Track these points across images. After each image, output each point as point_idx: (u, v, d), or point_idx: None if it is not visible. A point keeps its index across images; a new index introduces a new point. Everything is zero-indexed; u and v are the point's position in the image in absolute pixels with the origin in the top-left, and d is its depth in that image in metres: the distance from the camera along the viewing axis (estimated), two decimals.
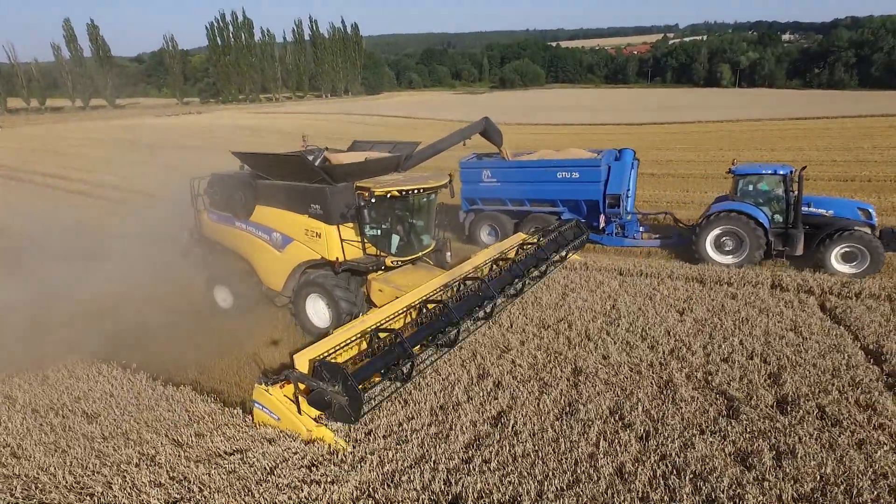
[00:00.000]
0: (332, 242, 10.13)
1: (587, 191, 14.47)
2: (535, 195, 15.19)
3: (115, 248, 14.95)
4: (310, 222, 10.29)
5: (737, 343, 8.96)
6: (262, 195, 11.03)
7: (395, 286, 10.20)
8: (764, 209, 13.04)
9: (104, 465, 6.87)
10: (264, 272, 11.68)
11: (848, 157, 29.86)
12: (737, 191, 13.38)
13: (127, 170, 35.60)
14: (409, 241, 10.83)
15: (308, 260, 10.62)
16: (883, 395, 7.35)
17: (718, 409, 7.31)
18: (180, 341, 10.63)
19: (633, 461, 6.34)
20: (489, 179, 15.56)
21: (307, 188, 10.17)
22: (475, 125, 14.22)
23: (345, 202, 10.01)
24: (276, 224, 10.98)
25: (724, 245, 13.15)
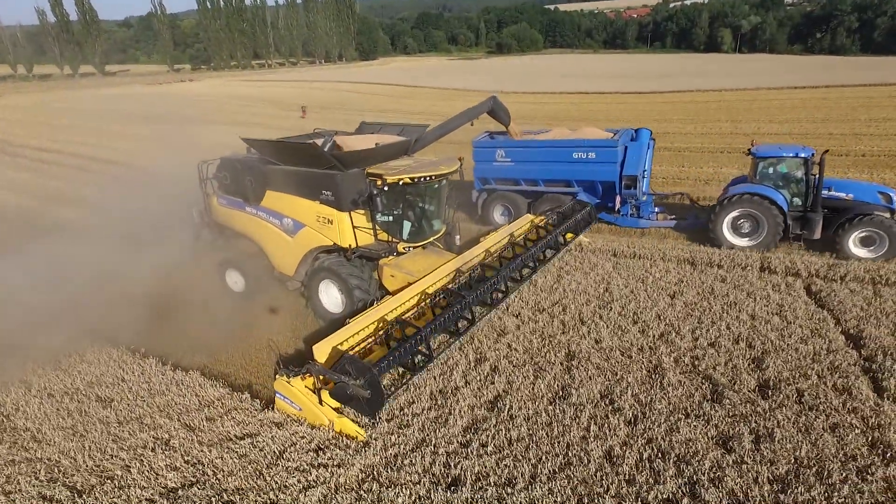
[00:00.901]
0: (344, 229, 10.27)
1: (604, 172, 14.34)
2: (550, 175, 15.08)
3: (121, 229, 15.09)
4: (321, 209, 10.42)
5: (724, 327, 9.32)
6: (272, 181, 11.10)
7: (407, 272, 10.26)
8: (783, 192, 12.89)
9: (121, 449, 7.26)
10: (276, 257, 11.83)
11: (844, 130, 29.89)
12: (756, 173, 13.20)
13: (122, 143, 35.40)
14: (421, 226, 10.94)
15: (320, 246, 10.77)
16: (859, 379, 7.75)
17: (703, 393, 7.71)
18: (187, 325, 10.91)
19: (622, 445, 6.75)
20: (503, 159, 15.45)
21: (318, 174, 10.26)
22: (483, 105, 14.13)
23: (356, 188, 10.11)
24: (287, 210, 11.08)
25: (741, 228, 13.07)
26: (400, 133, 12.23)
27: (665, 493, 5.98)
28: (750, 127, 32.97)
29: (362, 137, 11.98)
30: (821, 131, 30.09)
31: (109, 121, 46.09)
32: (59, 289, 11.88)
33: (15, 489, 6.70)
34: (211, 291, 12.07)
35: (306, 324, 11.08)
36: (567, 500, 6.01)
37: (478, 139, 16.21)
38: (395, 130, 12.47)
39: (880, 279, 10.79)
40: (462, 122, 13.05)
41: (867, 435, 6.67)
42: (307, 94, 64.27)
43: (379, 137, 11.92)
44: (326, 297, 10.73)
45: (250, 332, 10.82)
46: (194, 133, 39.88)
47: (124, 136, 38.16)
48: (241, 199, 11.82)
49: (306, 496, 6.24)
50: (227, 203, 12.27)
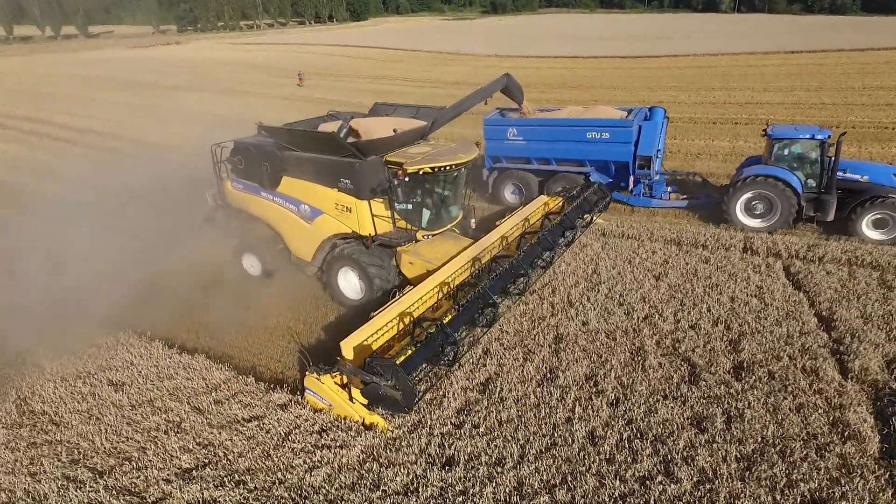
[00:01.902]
0: (363, 218, 10.36)
1: (617, 152, 14.32)
2: (563, 154, 15.05)
3: (125, 209, 15.21)
4: (340, 196, 10.48)
5: (705, 310, 9.79)
6: (288, 167, 11.10)
7: (426, 259, 10.41)
8: (797, 173, 12.90)
9: (136, 432, 7.74)
10: (293, 242, 11.94)
11: (836, 100, 29.97)
12: (771, 154, 13.14)
13: (112, 113, 34.98)
14: (439, 214, 10.96)
15: (338, 233, 10.88)
16: (827, 361, 8.27)
17: (682, 375, 8.22)
18: (192, 307, 11.28)
19: (604, 426, 7.28)
20: (515, 137, 15.39)
21: (337, 162, 10.28)
22: (496, 82, 14.11)
23: (375, 177, 10.15)
24: (304, 196, 11.14)
25: (755, 209, 13.18)
26: (415, 115, 12.26)
27: (641, 472, 6.53)
28: (744, 95, 32.96)
29: (378, 121, 11.97)
30: (813, 101, 30.16)
31: (97, 88, 45.32)
32: (65, 272, 12.16)
33: (40, 470, 7.19)
34: (214, 273, 12.39)
35: (305, 304, 11.48)
36: (552, 478, 6.55)
37: (489, 117, 16.09)
38: (409, 112, 12.46)
39: (856, 260, 11.25)
40: (476, 101, 13.04)
41: (829, 415, 7.21)
42: (297, 59, 63.07)
43: (395, 121, 11.91)
44: (345, 284, 10.94)
45: (250, 313, 11.21)
46: (185, 102, 39.40)
47: (114, 106, 37.65)
48: (256, 183, 11.81)
49: (312, 476, 6.75)
50: (242, 187, 12.25)
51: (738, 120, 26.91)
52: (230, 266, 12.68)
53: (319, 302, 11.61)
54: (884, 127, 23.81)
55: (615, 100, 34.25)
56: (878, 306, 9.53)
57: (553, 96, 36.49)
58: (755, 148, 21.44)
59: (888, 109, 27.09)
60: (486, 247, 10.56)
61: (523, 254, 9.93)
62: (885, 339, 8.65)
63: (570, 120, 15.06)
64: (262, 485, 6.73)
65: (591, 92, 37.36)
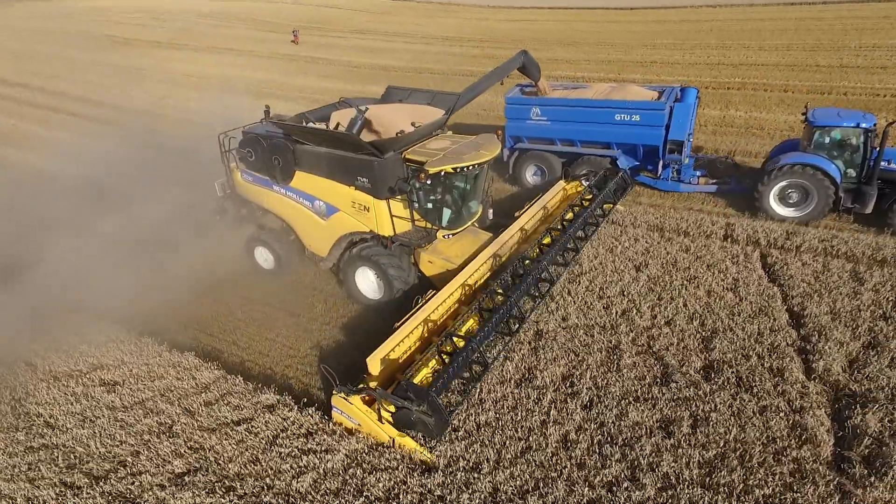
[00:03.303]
0: (381, 218, 10.16)
1: (647, 135, 13.85)
2: (588, 137, 14.57)
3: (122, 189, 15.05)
4: (357, 195, 10.24)
5: (681, 304, 10.06)
6: (302, 161, 10.79)
7: (446, 258, 10.40)
8: (837, 162, 12.44)
9: (129, 435, 8.06)
10: (307, 238, 11.84)
11: (831, 61, 29.50)
12: (811, 141, 12.58)
13: (94, 75, 34.00)
14: (460, 212, 10.77)
15: (355, 231, 10.72)
16: (793, 360, 8.61)
17: (654, 375, 8.56)
18: (188, 301, 11.42)
19: (577, 430, 7.64)
20: (538, 117, 14.91)
21: (353, 159, 9.98)
22: (513, 61, 13.74)
23: (394, 175, 9.90)
24: (318, 193, 10.89)
25: (789, 197, 12.80)
26: (431, 101, 11.91)
27: (609, 477, 6.93)
28: (738, 55, 32.35)
29: (394, 109, 11.61)
30: (808, 62, 29.70)
31: (77, 47, 43.74)
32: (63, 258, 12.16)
33: (38, 476, 7.53)
34: (218, 265, 12.41)
35: (307, 299, 11.68)
36: (525, 483, 6.95)
37: (510, 95, 15.57)
38: (425, 98, 12.11)
39: (832, 250, 11.48)
40: (493, 83, 12.80)
41: (789, 418, 7.60)
42: (283, 10, 60.76)
43: (411, 109, 11.57)
44: (363, 283, 10.90)
45: (246, 308, 11.41)
46: (169, 61, 38.27)
47: (96, 67, 36.55)
48: (267, 177, 11.52)
49: (298, 482, 7.12)
50: (253, 180, 11.94)
51: (730, 84, 26.55)
52: (238, 259, 12.59)
53: (318, 295, 11.82)
54: (875, 94, 23.61)
55: (610, 59, 33.63)
56: (847, 301, 9.82)
57: (547, 55, 35.64)
58: (746, 118, 21.33)
59: (881, 73, 26.75)
60: (505, 241, 10.53)
61: (545, 253, 10.02)
62: (849, 337, 8.98)
63: (599, 101, 14.49)
64: (251, 490, 7.10)
65: (587, 50, 36.58)
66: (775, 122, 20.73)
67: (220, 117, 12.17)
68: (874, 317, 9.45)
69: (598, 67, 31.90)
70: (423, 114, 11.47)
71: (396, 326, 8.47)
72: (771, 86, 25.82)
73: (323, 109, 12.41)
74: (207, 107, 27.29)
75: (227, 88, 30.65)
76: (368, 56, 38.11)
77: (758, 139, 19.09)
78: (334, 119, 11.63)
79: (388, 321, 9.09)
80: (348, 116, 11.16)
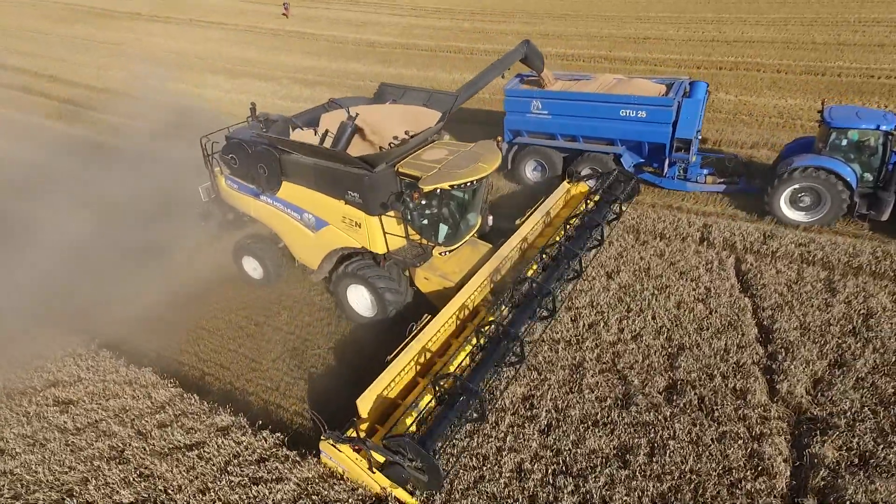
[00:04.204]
0: (374, 235, 9.67)
1: (654, 133, 13.25)
2: (592, 132, 13.95)
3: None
4: (347, 210, 9.70)
5: (649, 317, 9.85)
6: (288, 171, 10.21)
7: (442, 275, 9.91)
8: (853, 165, 11.84)
9: (79, 461, 7.90)
10: (296, 249, 11.37)
11: (828, 38, 28.73)
12: (827, 143, 11.93)
13: (70, 52, 32.94)
14: (457, 227, 10.19)
15: (346, 247, 10.22)
16: (758, 381, 8.46)
17: (616, 396, 8.40)
18: (149, 309, 11.14)
19: (532, 458, 7.51)
20: (539, 111, 14.23)
21: (342, 172, 9.44)
22: (515, 52, 13.14)
23: (387, 189, 9.37)
24: (307, 205, 10.35)
25: (800, 201, 12.26)
26: (427, 101, 11.25)
27: None
28: (734, 31, 31.49)
29: (386, 112, 11.07)
30: (805, 39, 28.94)
31: (52, 19, 42.31)
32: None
33: None
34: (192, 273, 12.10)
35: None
36: None
37: (510, 87, 14.87)
38: (420, 98, 11.44)
39: (808, 256, 11.22)
40: (493, 76, 12.27)
41: (747, 446, 7.47)
42: None
43: (404, 110, 10.99)
44: (356, 301, 10.42)
45: (202, 315, 11.18)
46: (148, 35, 37.06)
47: (72, 43, 35.38)
48: (253, 185, 10.92)
49: None
50: (238, 187, 11.30)
51: (722, 63, 25.88)
52: (212, 265, 12.22)
53: (284, 301, 11.59)
54: (870, 75, 23.02)
55: (602, 34, 32.68)
56: (818, 315, 9.63)
57: (537, 29, 34.69)
58: (734, 103, 20.79)
59: (878, 52, 26.06)
60: (506, 255, 9.97)
61: (547, 271, 9.36)
62: (816, 355, 8.81)
63: (602, 95, 13.89)
64: None
65: (578, 24, 35.56)
66: (764, 107, 20.21)
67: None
68: (843, 332, 9.27)
69: (589, 44, 31.03)
70: (418, 117, 10.87)
71: (389, 360, 7.90)
72: (764, 66, 25.15)
73: (311, 112, 11.61)
74: (187, 88, 26.63)
75: (207, 68, 29.81)
76: (354, 30, 36.99)
77: (745, 127, 18.64)
78: (323, 123, 10.95)
79: (360, 332, 8.72)
80: (338, 120, 10.50)
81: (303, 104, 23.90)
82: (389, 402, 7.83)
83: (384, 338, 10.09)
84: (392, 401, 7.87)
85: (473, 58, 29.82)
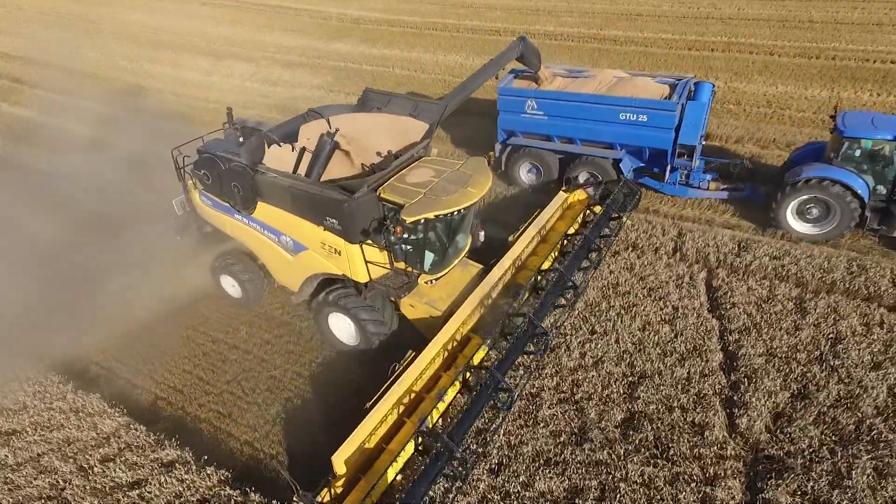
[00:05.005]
0: (355, 263, 9.15)
1: (655, 138, 12.56)
2: (590, 135, 13.26)
3: None
4: (327, 236, 9.17)
5: (613, 341, 9.56)
6: (264, 192, 9.60)
7: (429, 302, 9.41)
8: (866, 177, 11.25)
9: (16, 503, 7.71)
10: (275, 271, 10.88)
11: (825, 16, 27.83)
12: (839, 153, 11.33)
13: (41, 30, 31.71)
14: (445, 253, 9.48)
15: (327, 273, 9.72)
16: (718, 414, 8.23)
17: (571, 430, 8.17)
18: (107, 327, 10.82)
19: (480, 501, 7.32)
20: (534, 112, 13.52)
21: (319, 197, 8.86)
22: (510, 50, 12.42)
23: (368, 216, 8.82)
24: (284, 228, 9.79)
25: (808, 212, 11.69)
26: (413, 110, 10.50)
27: None
28: (730, 7, 30.43)
29: (372, 124, 10.35)
30: (802, 16, 28.03)
31: None
32: None
33: None
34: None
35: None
36: None
37: (503, 85, 14.07)
38: (406, 107, 10.65)
39: (781, 271, 10.88)
40: (487, 77, 11.69)
41: (700, 490, 7.28)
42: None
43: (388, 121, 10.34)
44: (338, 329, 9.93)
45: (162, 331, 10.86)
46: (121, 10, 35.73)
47: (45, 19, 34.14)
48: (227, 203, 10.29)
49: None
50: (213, 204, 10.68)
51: (714, 44, 25.04)
52: (178, 278, 11.74)
53: (243, 316, 11.25)
54: (864, 59, 22.26)
55: (594, 10, 31.60)
56: (785, 339, 9.36)
57: (527, 4, 33.48)
58: (723, 90, 20.07)
59: (876, 32, 25.24)
60: (498, 277, 9.34)
61: (540, 303, 8.73)
62: (779, 385, 8.57)
63: (601, 97, 13.06)
64: None
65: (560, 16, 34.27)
66: (754, 95, 19.58)
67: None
68: (810, 359, 9.00)
69: (580, 21, 30.00)
70: (404, 129, 10.25)
71: (368, 408, 7.33)
72: (757, 47, 24.32)
73: (289, 124, 10.79)
74: (162, 70, 25.76)
75: (186, 47, 28.84)
76: (339, 4, 35.73)
77: (731, 118, 18.07)
78: (302, 136, 10.19)
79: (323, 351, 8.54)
80: (318, 132, 9.75)
81: (280, 89, 23.26)
82: (370, 450, 7.27)
83: (348, 358, 9.90)
84: (370, 452, 7.28)
85: (460, 36, 28.85)
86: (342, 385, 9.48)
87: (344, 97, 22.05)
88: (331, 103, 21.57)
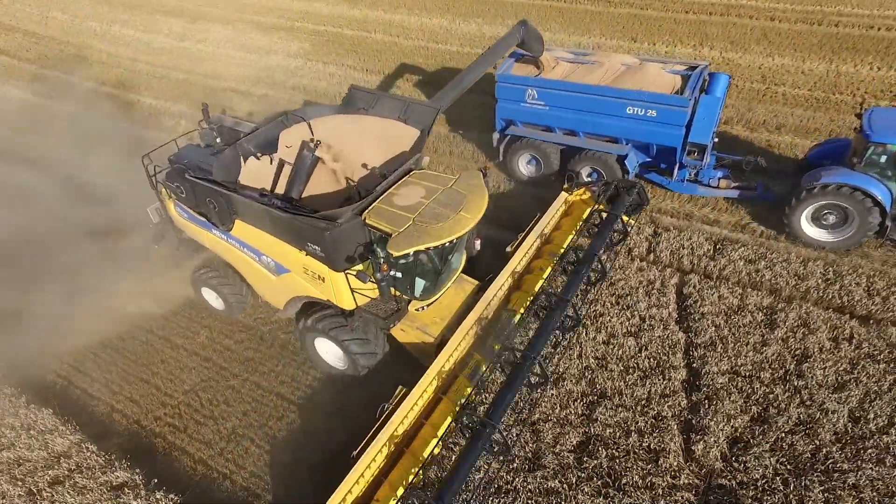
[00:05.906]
0: (340, 291, 8.61)
1: (664, 135, 11.80)
2: (594, 129, 12.50)
3: None
4: (309, 262, 8.62)
5: (576, 356, 9.34)
6: (241, 211, 9.03)
7: (421, 327, 8.90)
8: (889, 184, 10.55)
9: None
10: (258, 288, 10.43)
11: None
12: (863, 158, 10.55)
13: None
14: (437, 278, 8.87)
15: (311, 297, 9.20)
16: (674, 439, 8.09)
17: (526, 455, 8.06)
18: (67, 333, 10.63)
19: None
20: (534, 101, 12.68)
21: (299, 224, 8.21)
22: (509, 37, 11.70)
23: (353, 242, 8.27)
24: (265, 249, 9.25)
25: (824, 218, 11.02)
26: (403, 112, 9.83)
27: None
28: None
29: (357, 130, 9.68)
30: None
31: None
32: None
33: None
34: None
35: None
36: None
37: (502, 72, 13.17)
38: (395, 109, 9.94)
39: (755, 277, 10.55)
40: (484, 69, 11.04)
41: None
42: None
43: (380, 130, 9.65)
44: (325, 353, 9.54)
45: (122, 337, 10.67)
46: None
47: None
48: (203, 218, 9.82)
49: None
50: (190, 217, 10.17)
51: (713, 8, 23.73)
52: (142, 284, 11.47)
53: (204, 320, 10.99)
54: (869, 26, 21.10)
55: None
56: (751, 356, 9.13)
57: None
58: (718, 61, 19.15)
59: None
60: (495, 294, 8.71)
61: (540, 331, 7.88)
62: (739, 408, 8.40)
63: (607, 89, 12.16)
64: None
65: None
66: (749, 68, 18.68)
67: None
68: (774, 378, 8.81)
69: None
70: (393, 136, 9.60)
71: (355, 455, 6.86)
72: (757, 10, 23.05)
73: (267, 130, 10.00)
74: (133, 34, 24.58)
75: (161, 7, 27.41)
76: None
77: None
78: (283, 142, 9.42)
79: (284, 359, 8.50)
80: (299, 138, 9.02)
81: (255, 56, 22.22)
82: (359, 498, 6.82)
83: (308, 365, 9.72)
84: (363, 495, 6.87)
85: None
86: (303, 395, 9.35)
87: (322, 66, 21.11)
88: (308, 73, 20.88)
